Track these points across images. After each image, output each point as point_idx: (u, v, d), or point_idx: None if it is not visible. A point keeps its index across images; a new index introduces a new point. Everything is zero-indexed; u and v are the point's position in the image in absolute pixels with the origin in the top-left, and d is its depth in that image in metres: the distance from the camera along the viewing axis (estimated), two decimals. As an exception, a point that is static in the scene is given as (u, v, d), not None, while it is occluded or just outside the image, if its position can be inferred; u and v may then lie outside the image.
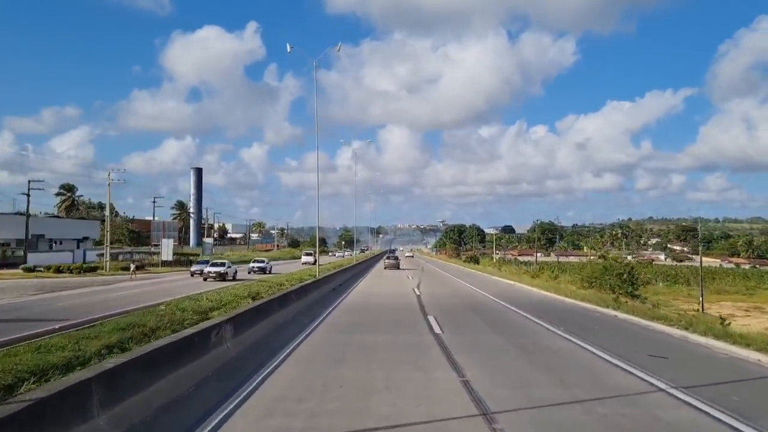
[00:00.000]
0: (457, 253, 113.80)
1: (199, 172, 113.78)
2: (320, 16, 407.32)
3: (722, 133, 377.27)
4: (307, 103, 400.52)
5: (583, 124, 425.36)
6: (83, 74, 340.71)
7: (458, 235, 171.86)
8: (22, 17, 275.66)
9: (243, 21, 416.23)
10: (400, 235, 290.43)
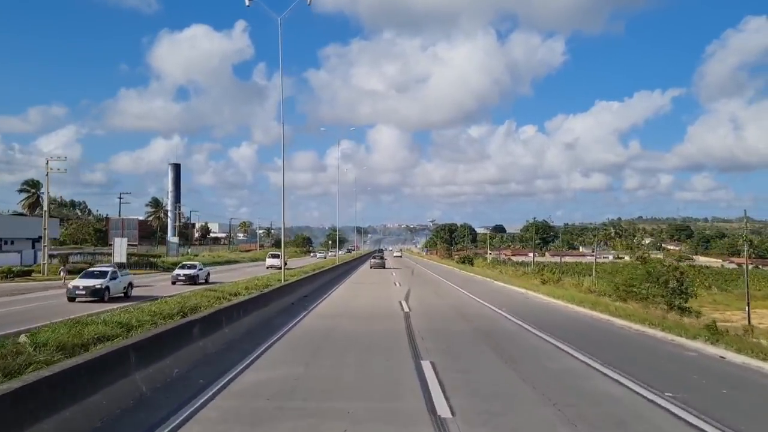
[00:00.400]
0: (449, 254, 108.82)
1: (177, 168, 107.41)
2: (308, 16, 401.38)
3: (709, 133, 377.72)
4: (297, 103, 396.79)
5: (572, 124, 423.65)
6: (69, 73, 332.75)
7: (449, 234, 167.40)
8: (7, 16, 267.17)
9: (231, 20, 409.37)
10: (390, 235, 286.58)
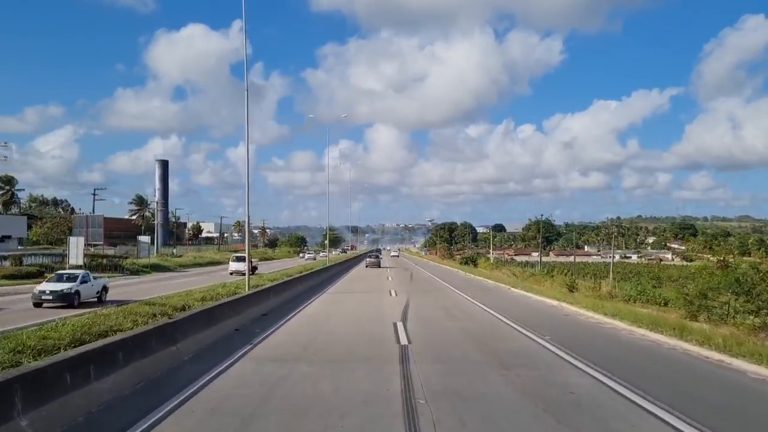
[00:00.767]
0: (450, 253, 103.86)
1: (165, 165, 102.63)
2: (306, 15, 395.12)
3: (708, 132, 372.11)
4: (294, 102, 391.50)
5: (570, 123, 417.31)
6: (66, 73, 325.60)
7: (449, 233, 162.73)
8: (3, 16, 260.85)
9: (228, 19, 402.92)
10: (387, 235, 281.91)
